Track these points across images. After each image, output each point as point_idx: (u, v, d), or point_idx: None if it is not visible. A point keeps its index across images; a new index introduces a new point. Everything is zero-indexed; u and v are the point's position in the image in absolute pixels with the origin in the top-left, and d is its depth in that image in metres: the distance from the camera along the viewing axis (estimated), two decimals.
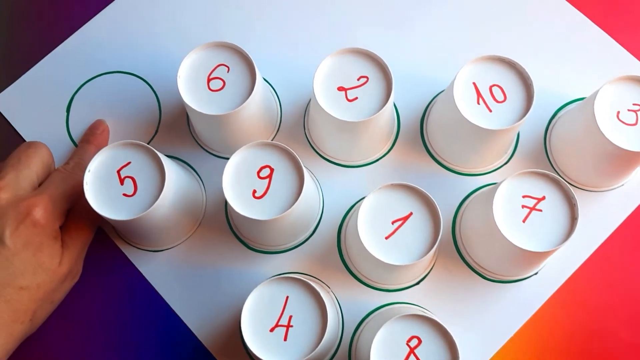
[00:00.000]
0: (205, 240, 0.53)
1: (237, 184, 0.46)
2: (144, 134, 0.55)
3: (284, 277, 0.44)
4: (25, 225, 0.46)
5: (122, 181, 0.46)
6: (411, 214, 0.46)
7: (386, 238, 0.45)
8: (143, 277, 0.53)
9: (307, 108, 0.55)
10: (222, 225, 0.53)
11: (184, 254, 0.53)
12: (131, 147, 0.47)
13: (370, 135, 0.50)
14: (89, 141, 0.54)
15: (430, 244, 0.45)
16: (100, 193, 0.46)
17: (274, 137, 0.55)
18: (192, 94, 0.48)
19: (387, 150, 0.54)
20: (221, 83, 0.48)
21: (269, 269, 0.52)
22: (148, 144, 0.55)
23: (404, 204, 0.46)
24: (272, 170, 0.47)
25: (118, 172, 0.47)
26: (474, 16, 0.58)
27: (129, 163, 0.47)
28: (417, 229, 0.45)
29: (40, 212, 0.46)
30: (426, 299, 0.52)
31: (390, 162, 0.54)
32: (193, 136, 0.55)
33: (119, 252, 0.53)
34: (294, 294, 0.44)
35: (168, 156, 0.54)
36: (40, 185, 0.49)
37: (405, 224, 0.45)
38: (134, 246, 0.53)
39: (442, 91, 0.55)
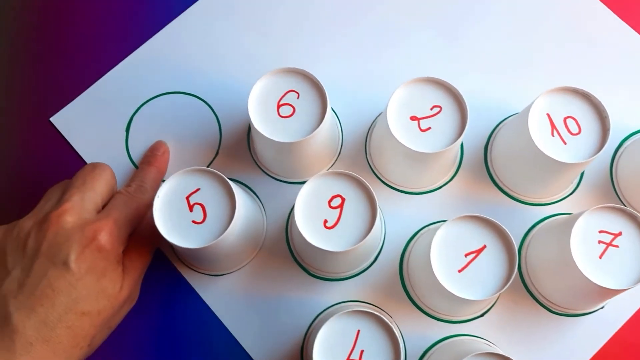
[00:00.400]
0: (266, 265, 0.52)
1: (309, 214, 0.45)
2: (204, 156, 0.55)
3: (356, 311, 0.43)
4: (90, 250, 0.45)
5: (191, 208, 0.46)
6: (485, 246, 0.45)
7: (459, 271, 0.44)
8: (202, 300, 0.52)
9: (368, 134, 0.55)
10: (282, 250, 0.53)
11: (244, 279, 0.52)
12: (200, 174, 0.46)
13: (440, 164, 0.49)
14: (150, 163, 0.53)
15: (505, 278, 0.44)
16: (170, 220, 0.45)
17: (334, 163, 0.54)
18: (262, 120, 0.48)
19: (450, 178, 0.54)
20: (291, 109, 0.48)
21: (330, 297, 0.52)
22: (208, 166, 0.54)
23: (476, 236, 0.45)
24: (343, 199, 0.46)
25: (187, 198, 0.46)
26: (531, 42, 0.57)
27: (198, 189, 0.46)
28: (491, 263, 0.45)
29: (106, 236, 0.45)
30: (490, 332, 0.51)
31: (453, 190, 0.54)
32: (254, 159, 0.54)
33: (178, 275, 0.53)
34: (366, 327, 0.44)
35: (229, 179, 0.54)
36: (103, 207, 0.49)
37: (478, 257, 0.45)
38: (193, 270, 0.53)
39: (506, 119, 0.55)
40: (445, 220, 0.51)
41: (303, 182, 0.53)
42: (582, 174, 0.54)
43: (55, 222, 0.45)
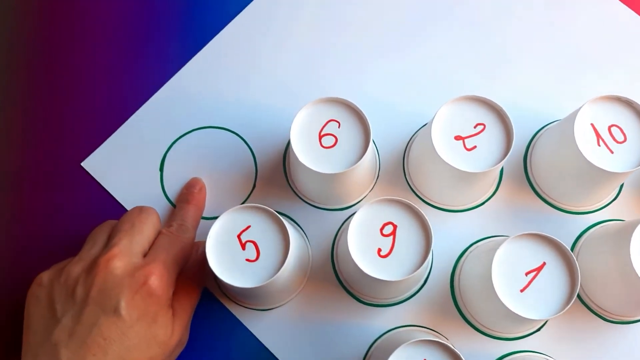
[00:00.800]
0: (314, 295, 0.52)
1: (362, 243, 0.45)
2: (241, 190, 0.54)
3: (422, 341, 0.43)
4: (141, 296, 0.44)
5: (243, 246, 0.45)
6: (544, 264, 0.44)
7: (521, 291, 0.44)
8: (253, 335, 0.51)
9: (405, 154, 0.54)
10: (329, 279, 0.52)
11: (294, 311, 0.52)
12: (250, 210, 0.46)
13: (485, 181, 0.49)
14: (188, 201, 0.53)
15: (568, 294, 0.44)
16: (224, 260, 0.45)
17: (374, 186, 0.54)
18: (305, 152, 0.47)
19: (492, 192, 0.53)
20: (333, 139, 0.47)
21: (383, 322, 0.51)
22: (247, 198, 0.54)
23: (535, 254, 0.45)
24: (395, 226, 0.45)
25: (239, 236, 0.45)
26: (563, 50, 0.57)
27: (249, 227, 0.46)
28: (552, 280, 0.44)
29: (156, 281, 0.45)
30: (547, 346, 0.50)
31: (496, 204, 0.53)
32: (292, 188, 0.54)
33: (226, 311, 0.52)
34: (432, 357, 0.43)
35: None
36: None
37: (539, 274, 0.44)
38: (242, 306, 0.52)
39: (543, 128, 0.54)
40: (494, 236, 0.51)
41: (344, 208, 0.53)
42: None
43: (104, 268, 0.44)
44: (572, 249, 0.52)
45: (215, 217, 0.53)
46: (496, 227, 0.53)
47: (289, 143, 0.54)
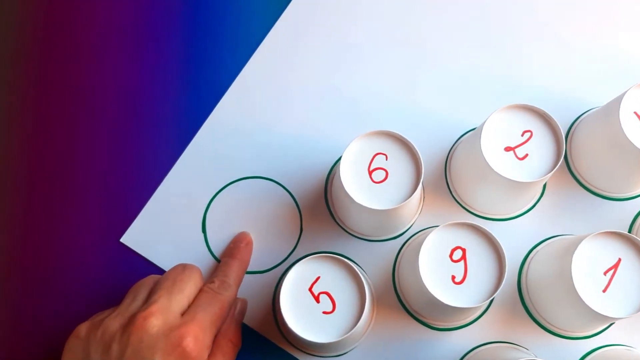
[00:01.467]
0: (384, 329, 0.51)
1: (434, 273, 0.44)
2: (290, 235, 0.53)
3: None
4: (174, 358, 0.43)
5: (317, 299, 0.44)
6: (620, 260, 0.44)
7: (603, 291, 0.44)
8: None
9: (447, 167, 0.53)
10: (395, 309, 0.51)
11: (369, 351, 0.51)
12: (317, 260, 0.45)
13: (539, 186, 0.48)
14: (232, 255, 0.51)
15: None
16: (301, 317, 0.44)
17: (422, 208, 0.53)
18: (358, 190, 0.46)
19: (540, 194, 0.53)
20: (384, 173, 0.47)
21: (459, 345, 0.51)
22: (296, 245, 0.53)
23: (609, 251, 0.44)
24: (464, 250, 0.45)
25: (310, 290, 0.44)
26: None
27: (319, 277, 0.45)
28: (631, 275, 0.44)
29: (191, 343, 0.43)
30: (627, 337, 0.50)
31: (545, 204, 0.53)
32: (340, 225, 0.53)
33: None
34: None
35: (323, 252, 0.52)
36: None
37: (617, 272, 0.44)
38: (316, 355, 0.51)
39: (577, 120, 0.54)
40: (551, 238, 0.51)
41: (396, 237, 0.52)
42: None
43: (140, 326, 0.43)
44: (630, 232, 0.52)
45: (264, 271, 0.52)
46: (551, 228, 0.52)
47: (327, 179, 0.54)
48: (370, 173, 0.47)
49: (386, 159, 0.47)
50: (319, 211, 0.53)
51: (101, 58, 0.57)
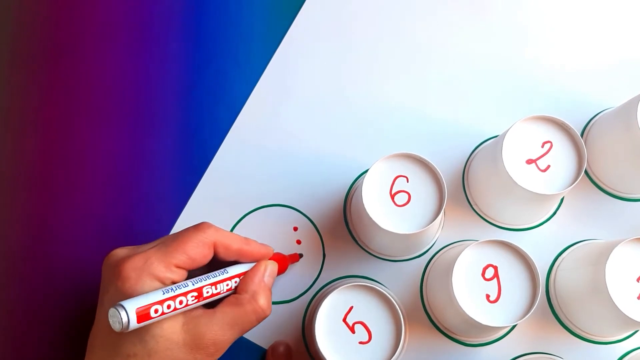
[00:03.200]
0: (417, 347, 0.51)
1: (468, 293, 0.44)
2: (313, 263, 0.53)
3: None
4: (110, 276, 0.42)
5: (352, 329, 0.44)
6: None
7: (638, 298, 0.44)
8: None
9: (464, 175, 0.53)
10: (425, 327, 0.51)
11: None
12: (350, 290, 0.45)
13: (561, 195, 0.48)
14: None
15: None
16: (338, 349, 0.44)
17: (442, 224, 0.53)
18: (382, 215, 0.46)
19: (559, 203, 0.53)
20: (406, 196, 0.46)
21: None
22: (321, 271, 0.52)
23: (636, 258, 0.44)
24: (495, 268, 0.45)
25: (344, 320, 0.44)
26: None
27: (352, 307, 0.44)
28: None
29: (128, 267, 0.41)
30: None
31: (565, 212, 0.53)
32: (362, 247, 0.53)
33: None
34: None
35: (350, 276, 0.52)
36: None
37: None
38: None
39: (590, 122, 0.54)
40: (575, 244, 0.51)
41: (419, 256, 0.52)
42: None
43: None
44: None
45: (291, 300, 0.52)
46: (574, 234, 0.52)
47: (345, 201, 0.53)
48: (392, 197, 0.46)
49: (407, 181, 0.47)
50: (339, 234, 0.53)
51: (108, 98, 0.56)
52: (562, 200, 0.53)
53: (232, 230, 0.53)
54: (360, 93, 0.55)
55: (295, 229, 0.53)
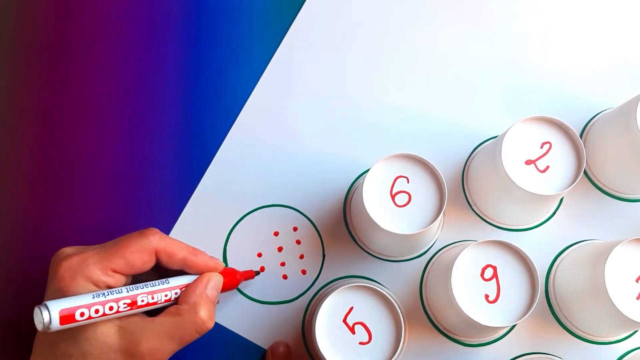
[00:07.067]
0: (416, 347, 0.51)
1: (467, 293, 0.44)
2: (313, 263, 0.53)
3: None
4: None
5: (352, 330, 0.44)
6: None
7: (637, 298, 0.44)
8: None
9: (463, 175, 0.53)
10: (425, 327, 0.51)
11: None
12: (350, 290, 0.45)
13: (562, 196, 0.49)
14: None
15: None
16: (338, 348, 0.44)
17: (442, 225, 0.53)
18: (382, 216, 0.46)
19: (559, 203, 0.53)
20: (407, 197, 0.46)
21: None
22: (320, 271, 0.53)
23: (636, 259, 0.45)
24: (494, 268, 0.45)
25: (345, 321, 0.44)
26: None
27: (352, 308, 0.44)
28: None
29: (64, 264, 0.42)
30: None
31: (564, 212, 0.53)
32: (362, 248, 0.53)
33: None
34: None
35: (350, 276, 0.52)
36: None
37: None
38: None
39: (588, 124, 0.54)
40: (574, 245, 0.51)
41: (418, 256, 0.52)
42: None
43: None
44: None
45: (290, 300, 0.52)
46: (573, 234, 0.52)
47: (345, 201, 0.53)
48: (393, 197, 0.46)
49: (407, 182, 0.47)
50: (339, 235, 0.53)
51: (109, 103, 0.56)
52: (561, 200, 0.53)
53: (231, 230, 0.53)
54: (360, 93, 0.55)
55: (295, 229, 0.53)
